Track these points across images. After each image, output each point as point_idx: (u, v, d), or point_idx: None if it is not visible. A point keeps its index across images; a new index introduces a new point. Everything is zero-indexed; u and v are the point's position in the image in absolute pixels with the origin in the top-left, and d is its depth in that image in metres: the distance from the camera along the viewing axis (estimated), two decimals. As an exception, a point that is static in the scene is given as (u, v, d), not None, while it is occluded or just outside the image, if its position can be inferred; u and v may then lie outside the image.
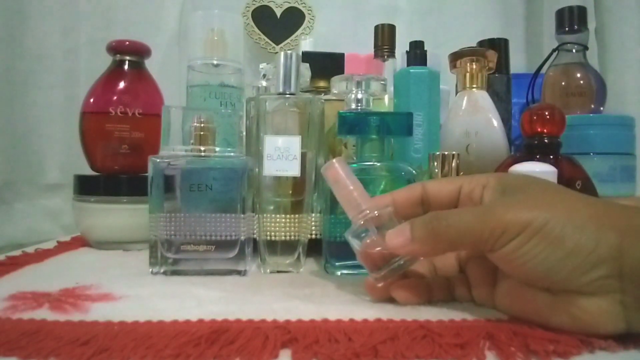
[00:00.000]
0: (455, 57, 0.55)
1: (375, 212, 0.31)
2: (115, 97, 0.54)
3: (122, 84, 0.55)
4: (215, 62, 0.50)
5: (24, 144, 0.78)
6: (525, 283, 0.27)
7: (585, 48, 0.63)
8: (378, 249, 0.31)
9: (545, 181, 0.30)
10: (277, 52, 0.77)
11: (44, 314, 0.29)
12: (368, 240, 0.31)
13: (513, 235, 0.25)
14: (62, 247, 0.53)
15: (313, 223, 0.44)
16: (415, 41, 0.69)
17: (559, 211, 0.26)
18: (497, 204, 0.28)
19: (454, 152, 0.42)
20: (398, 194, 0.33)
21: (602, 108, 0.62)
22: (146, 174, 0.39)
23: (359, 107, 0.43)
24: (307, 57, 0.59)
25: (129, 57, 0.56)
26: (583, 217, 0.25)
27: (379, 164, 0.40)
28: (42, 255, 0.48)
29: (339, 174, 0.33)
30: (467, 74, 0.54)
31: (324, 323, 0.27)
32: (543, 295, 0.27)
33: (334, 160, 0.33)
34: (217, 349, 0.24)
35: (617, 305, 0.24)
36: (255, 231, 0.42)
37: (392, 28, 0.66)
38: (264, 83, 0.56)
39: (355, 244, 0.32)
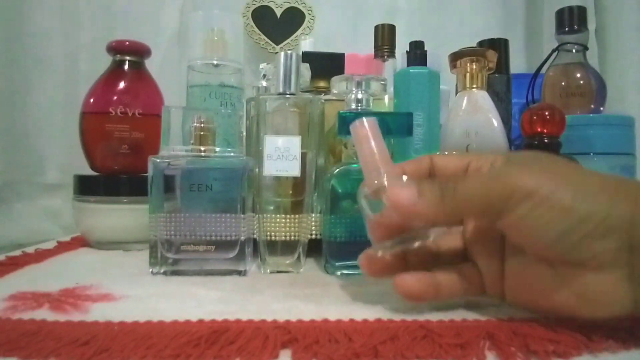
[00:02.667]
0: (455, 57, 0.55)
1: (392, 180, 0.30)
2: (115, 97, 0.54)
3: (122, 84, 0.55)
4: (215, 62, 0.50)
5: (24, 144, 0.78)
6: (533, 255, 0.27)
7: (585, 48, 0.63)
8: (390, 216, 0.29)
9: (556, 157, 0.30)
10: (277, 52, 0.77)
11: (44, 314, 0.29)
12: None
13: (520, 199, 0.25)
14: (62, 247, 0.53)
15: (313, 223, 0.44)
16: (415, 41, 0.69)
17: (568, 181, 0.25)
18: (505, 170, 0.28)
19: (454, 152, 0.42)
20: (407, 165, 0.32)
21: (602, 108, 0.62)
22: (146, 174, 0.39)
23: (359, 107, 0.42)
24: (307, 57, 0.59)
25: (129, 57, 0.56)
26: (594, 187, 0.25)
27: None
28: (42, 256, 0.48)
29: (366, 133, 0.31)
30: (467, 74, 0.54)
31: (324, 323, 0.27)
32: (549, 273, 0.26)
33: (365, 119, 0.32)
34: (217, 349, 0.24)
35: (625, 282, 0.24)
36: (255, 231, 0.42)
37: (392, 28, 0.66)
38: (264, 83, 0.56)
39: (366, 207, 0.31)
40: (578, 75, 0.62)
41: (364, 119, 0.32)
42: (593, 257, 0.24)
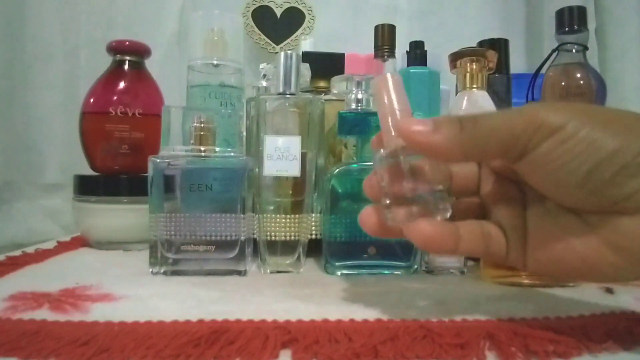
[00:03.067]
0: (455, 57, 0.55)
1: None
2: (115, 97, 0.54)
3: (122, 84, 0.55)
4: (215, 62, 0.50)
5: (24, 144, 0.78)
6: (559, 202, 0.25)
7: (585, 48, 0.63)
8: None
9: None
10: (277, 52, 0.77)
11: (44, 314, 0.29)
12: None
13: (546, 134, 0.23)
14: (62, 247, 0.53)
15: (313, 223, 0.44)
16: (415, 41, 0.69)
17: (598, 115, 0.23)
18: (530, 106, 0.25)
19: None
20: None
21: (602, 108, 0.62)
22: (146, 174, 0.39)
23: (359, 107, 0.42)
24: (307, 57, 0.59)
25: (129, 57, 0.56)
26: (627, 120, 0.23)
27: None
28: (42, 256, 0.48)
29: (389, 90, 0.28)
30: (467, 74, 0.53)
31: (324, 323, 0.27)
32: (576, 223, 0.24)
33: (389, 75, 0.28)
34: (217, 349, 0.24)
35: None
36: (255, 231, 0.42)
37: (392, 28, 0.66)
38: (264, 83, 0.56)
39: (378, 162, 0.28)
40: (578, 75, 0.62)
41: (388, 75, 0.28)
42: (627, 197, 0.22)
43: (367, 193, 0.29)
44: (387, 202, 0.27)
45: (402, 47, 0.68)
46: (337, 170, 0.40)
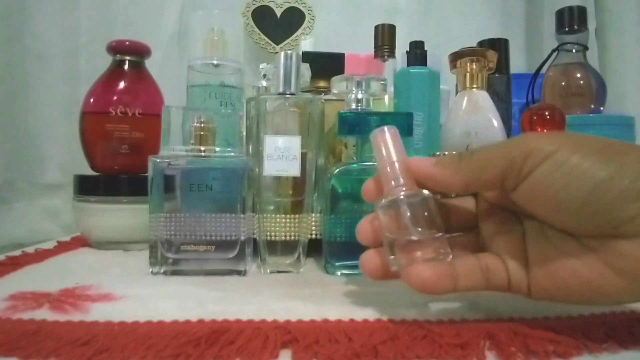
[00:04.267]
0: (456, 57, 0.55)
1: (413, 190, 0.28)
2: (115, 97, 0.54)
3: (122, 84, 0.55)
4: (215, 62, 0.50)
5: (24, 143, 0.78)
6: (558, 228, 0.25)
7: (585, 48, 0.63)
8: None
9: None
10: (277, 52, 0.77)
11: (44, 314, 0.29)
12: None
13: (542, 159, 0.24)
14: (62, 247, 0.53)
15: (313, 223, 0.44)
16: (415, 41, 0.69)
17: (591, 142, 0.24)
18: (523, 135, 0.27)
19: (454, 152, 0.42)
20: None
21: (602, 108, 0.62)
22: (146, 174, 0.39)
23: (359, 107, 0.42)
24: (307, 57, 0.59)
25: (129, 57, 0.56)
26: (618, 149, 0.24)
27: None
28: (42, 255, 0.48)
29: (386, 141, 0.30)
30: (467, 74, 0.54)
31: (324, 323, 0.27)
32: (578, 248, 0.24)
33: (386, 128, 0.31)
34: (217, 349, 0.24)
35: None
36: (255, 231, 0.42)
37: (392, 28, 0.66)
38: (264, 83, 0.56)
39: (382, 215, 0.29)
40: (578, 75, 0.62)
41: (386, 127, 0.31)
42: (628, 220, 0.22)
43: (363, 239, 0.30)
44: (391, 248, 0.28)
45: (402, 47, 0.68)
46: (337, 170, 0.40)
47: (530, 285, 0.27)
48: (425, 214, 0.28)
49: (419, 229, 0.27)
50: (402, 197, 0.28)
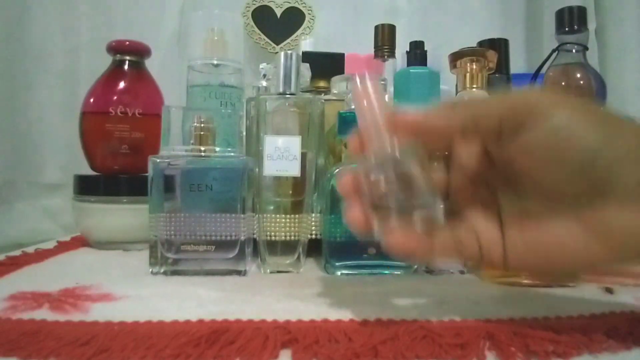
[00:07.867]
0: (455, 57, 0.55)
1: (397, 151, 0.26)
2: (115, 97, 0.54)
3: (122, 84, 0.55)
4: (215, 62, 0.50)
5: (24, 144, 0.78)
6: (545, 189, 0.25)
7: (585, 48, 0.63)
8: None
9: None
10: (277, 52, 0.77)
11: (44, 314, 0.29)
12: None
13: (546, 113, 0.23)
14: (62, 247, 0.53)
15: (313, 223, 0.44)
16: (415, 41, 0.69)
17: (595, 109, 0.24)
18: (528, 90, 0.27)
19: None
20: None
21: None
22: (146, 174, 0.39)
23: (359, 107, 0.42)
24: (307, 57, 0.59)
25: (129, 57, 0.56)
26: (619, 120, 0.24)
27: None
28: (42, 255, 0.48)
29: (368, 93, 0.27)
30: (467, 74, 0.53)
31: (324, 323, 0.27)
32: (562, 213, 0.24)
33: (367, 76, 0.27)
34: (217, 349, 0.24)
35: None
36: (255, 231, 0.42)
37: (392, 28, 0.66)
38: (264, 83, 0.56)
39: (367, 176, 0.27)
40: (578, 75, 0.62)
41: (367, 74, 0.27)
42: (622, 185, 0.22)
43: (344, 191, 0.28)
44: (376, 210, 0.26)
45: (402, 47, 0.69)
46: (337, 170, 0.40)
47: (506, 253, 0.27)
48: (413, 175, 0.26)
49: (405, 193, 0.26)
50: (388, 159, 0.26)
